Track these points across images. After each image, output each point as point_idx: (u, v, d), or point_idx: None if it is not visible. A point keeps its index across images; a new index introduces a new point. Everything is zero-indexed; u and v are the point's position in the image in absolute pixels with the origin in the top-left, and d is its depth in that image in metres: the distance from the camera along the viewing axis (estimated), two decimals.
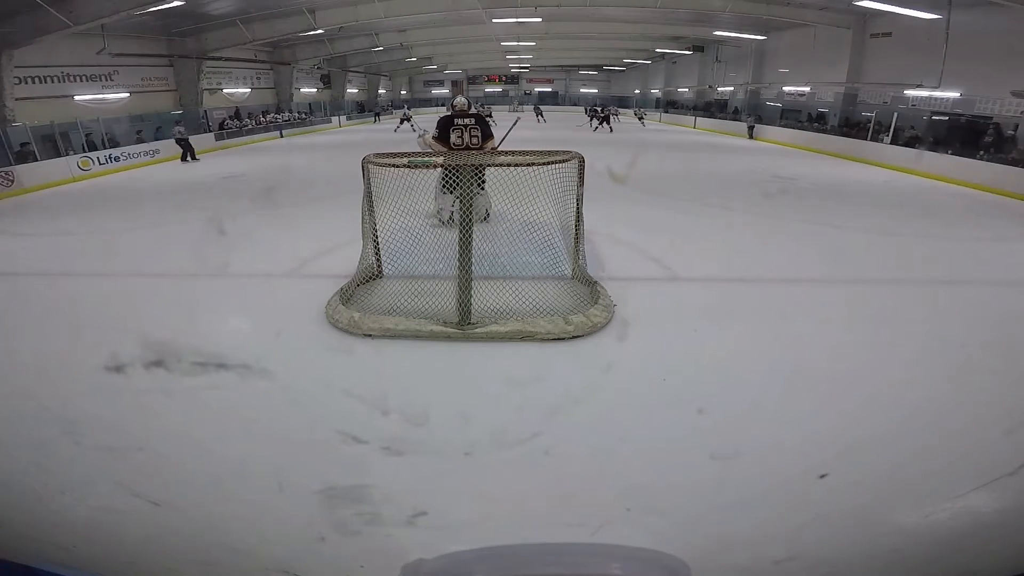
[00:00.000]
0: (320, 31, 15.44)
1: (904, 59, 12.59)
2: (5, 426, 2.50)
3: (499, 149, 5.23)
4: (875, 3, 11.08)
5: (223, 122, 17.08)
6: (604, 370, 2.95)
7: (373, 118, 26.46)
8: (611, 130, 18.07)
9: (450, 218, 5.13)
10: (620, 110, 23.68)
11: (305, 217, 6.65)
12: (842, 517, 1.91)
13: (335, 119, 23.56)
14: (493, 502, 2.01)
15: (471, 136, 5.09)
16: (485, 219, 5.33)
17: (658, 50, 23.46)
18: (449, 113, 5.48)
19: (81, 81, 12.96)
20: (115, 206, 8.05)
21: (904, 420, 2.47)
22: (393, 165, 3.50)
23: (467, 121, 5.13)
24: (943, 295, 4.13)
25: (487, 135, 5.23)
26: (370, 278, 4.02)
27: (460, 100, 5.58)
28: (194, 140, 14.66)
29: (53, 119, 11.03)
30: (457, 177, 3.99)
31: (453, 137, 5.07)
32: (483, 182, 5.26)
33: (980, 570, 1.35)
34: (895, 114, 12.29)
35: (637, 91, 30.89)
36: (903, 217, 6.81)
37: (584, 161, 3.81)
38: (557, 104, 34.50)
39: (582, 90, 35.55)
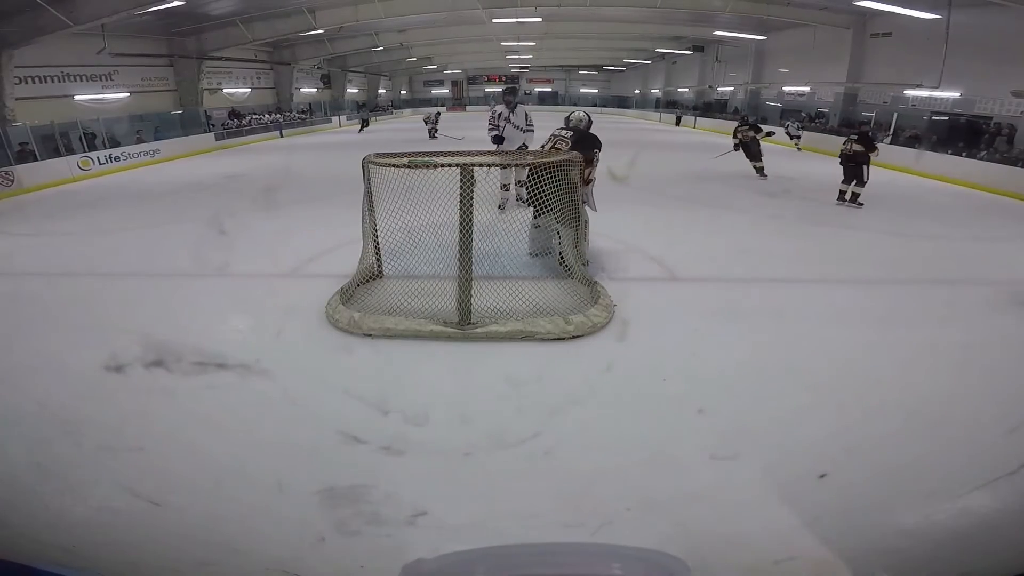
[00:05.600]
0: (320, 31, 15.46)
1: (904, 59, 12.59)
2: (5, 426, 2.49)
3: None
4: (875, 3, 11.09)
5: (224, 124, 17.09)
6: (604, 370, 2.95)
7: (360, 125, 20.58)
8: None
9: (537, 251, 4.45)
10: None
11: (305, 217, 6.65)
12: (842, 517, 1.90)
13: (335, 119, 23.58)
14: (493, 502, 2.01)
15: (554, 148, 4.24)
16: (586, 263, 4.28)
17: (658, 50, 23.51)
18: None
19: (81, 81, 12.98)
20: (115, 206, 8.04)
21: (904, 420, 2.47)
22: (393, 165, 3.50)
23: (564, 133, 4.36)
24: (943, 295, 4.13)
25: (580, 151, 4.00)
26: (370, 278, 4.02)
27: (575, 114, 4.60)
28: (194, 140, 14.72)
29: (53, 119, 11.03)
30: (543, 200, 3.64)
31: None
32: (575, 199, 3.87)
33: (980, 570, 1.35)
34: (895, 114, 12.29)
35: (637, 91, 30.91)
36: (903, 217, 6.80)
37: (584, 161, 3.81)
38: (557, 104, 34.52)
39: (582, 90, 35.58)
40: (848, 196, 7.01)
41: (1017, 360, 3.10)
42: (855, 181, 6.89)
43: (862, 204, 6.92)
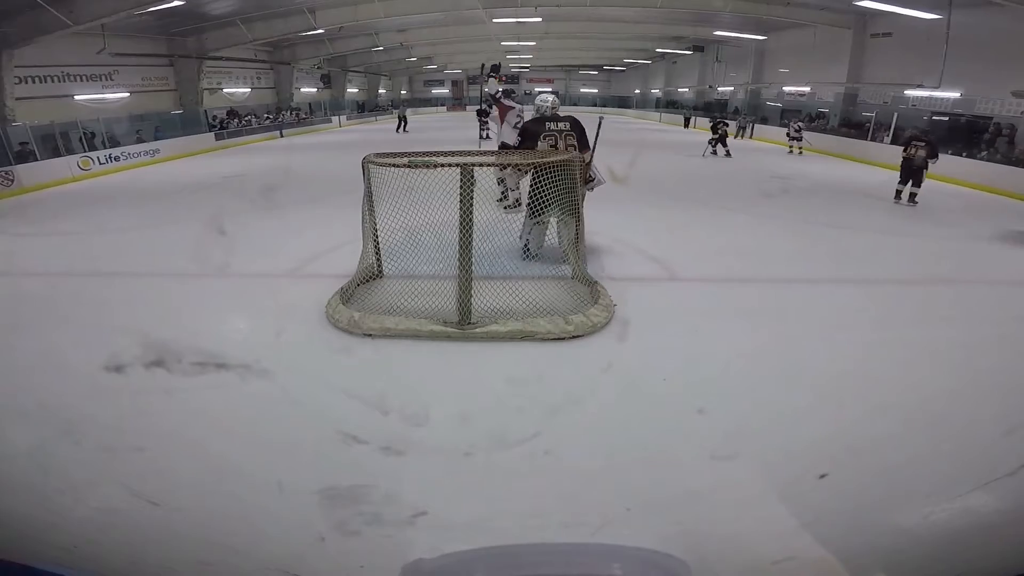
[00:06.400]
0: (320, 31, 15.46)
1: (904, 59, 12.60)
2: (5, 426, 2.49)
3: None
4: (875, 3, 11.09)
5: (223, 122, 17.09)
6: (604, 370, 2.95)
7: (399, 124, 19.29)
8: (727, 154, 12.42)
9: (537, 250, 4.36)
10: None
11: (305, 217, 6.65)
12: (842, 517, 1.91)
13: (335, 119, 23.57)
14: (493, 502, 2.01)
15: (568, 146, 4.12)
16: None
17: (658, 50, 23.51)
18: (535, 116, 4.39)
19: (81, 81, 12.97)
20: (115, 206, 8.04)
21: (904, 420, 2.47)
22: (393, 165, 3.50)
23: (562, 126, 4.17)
24: (943, 295, 4.13)
25: (584, 144, 4.21)
26: (370, 278, 4.02)
27: (550, 99, 4.40)
28: (194, 140, 14.73)
29: (53, 119, 11.03)
30: (548, 197, 3.66)
31: (544, 147, 4.15)
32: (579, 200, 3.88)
33: (980, 570, 1.35)
34: (895, 114, 12.29)
35: (637, 91, 30.91)
36: (903, 217, 6.82)
37: (584, 161, 3.81)
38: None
39: (582, 90, 35.58)
40: (906, 196, 7.42)
41: (1017, 360, 3.10)
42: (912, 182, 7.35)
43: (917, 203, 7.36)
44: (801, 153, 13.38)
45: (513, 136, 5.90)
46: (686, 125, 21.86)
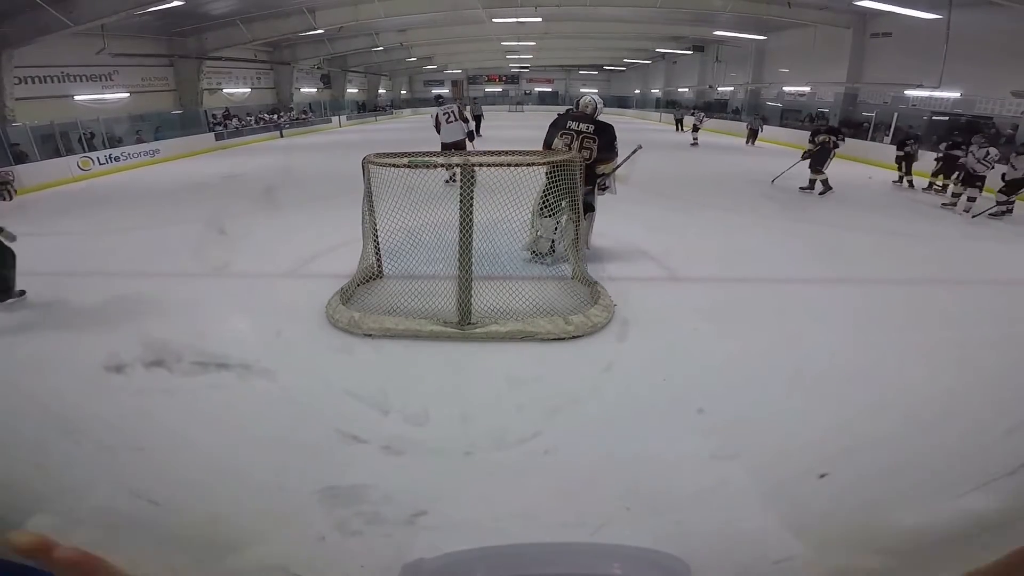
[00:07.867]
0: (320, 31, 15.46)
1: (904, 59, 12.60)
2: (5, 426, 2.49)
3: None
4: (875, 3, 11.10)
5: (222, 122, 17.08)
6: (604, 370, 2.95)
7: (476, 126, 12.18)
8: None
9: (550, 249, 4.33)
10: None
11: (305, 217, 6.65)
12: (842, 517, 1.90)
13: (335, 119, 23.58)
14: (493, 502, 2.01)
15: (583, 148, 4.08)
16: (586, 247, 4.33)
17: (658, 50, 23.52)
18: (564, 112, 4.38)
19: (81, 81, 12.97)
20: (115, 206, 8.05)
21: (904, 420, 2.47)
22: (393, 165, 3.50)
23: (583, 127, 4.14)
24: (943, 295, 4.13)
25: (607, 151, 4.15)
26: (370, 278, 4.02)
27: (585, 99, 4.34)
28: (194, 140, 14.74)
29: (53, 119, 11.03)
30: (559, 194, 3.75)
31: (559, 145, 4.11)
32: (592, 197, 4.16)
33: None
34: (895, 114, 12.29)
35: (637, 91, 30.90)
36: (903, 217, 6.82)
37: (584, 161, 3.81)
38: (557, 104, 34.50)
39: (582, 90, 35.56)
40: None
41: (1017, 360, 3.09)
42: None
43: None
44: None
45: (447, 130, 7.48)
46: (678, 128, 19.43)
